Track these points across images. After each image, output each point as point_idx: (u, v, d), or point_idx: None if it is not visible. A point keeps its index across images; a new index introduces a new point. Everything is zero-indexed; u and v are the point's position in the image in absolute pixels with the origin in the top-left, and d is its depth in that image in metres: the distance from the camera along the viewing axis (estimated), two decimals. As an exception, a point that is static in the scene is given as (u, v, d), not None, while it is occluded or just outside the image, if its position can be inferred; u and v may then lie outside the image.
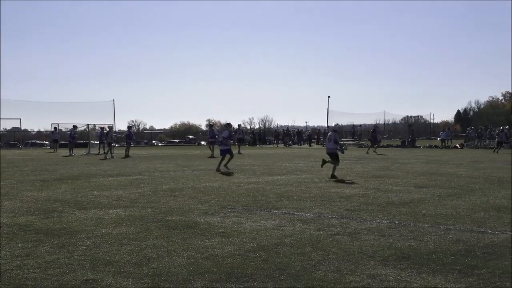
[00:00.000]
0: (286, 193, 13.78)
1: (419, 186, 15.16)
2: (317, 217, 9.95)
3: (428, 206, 11.30)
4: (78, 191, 14.41)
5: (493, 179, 17.22)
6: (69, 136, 41.46)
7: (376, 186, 15.21)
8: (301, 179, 17.67)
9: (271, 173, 20.35)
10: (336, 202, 12.04)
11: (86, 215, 10.39)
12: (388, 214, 10.34)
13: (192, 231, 8.67)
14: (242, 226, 9.10)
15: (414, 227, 8.97)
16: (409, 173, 19.76)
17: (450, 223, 9.34)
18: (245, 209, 10.99)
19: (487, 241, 7.79)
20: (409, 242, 7.73)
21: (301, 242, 7.74)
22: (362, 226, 9.02)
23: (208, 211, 10.78)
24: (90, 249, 7.42)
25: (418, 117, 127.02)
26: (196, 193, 13.88)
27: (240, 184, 16.09)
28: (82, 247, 7.54)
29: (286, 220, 9.68)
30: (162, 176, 18.97)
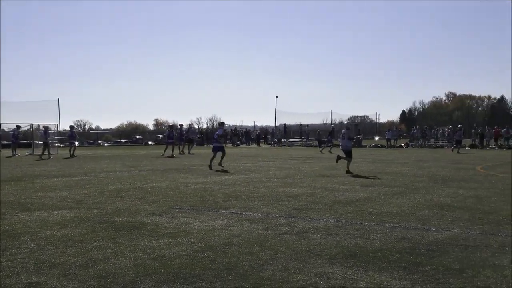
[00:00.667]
0: (234, 193, 13.79)
1: (365, 185, 15.39)
2: (265, 217, 9.99)
3: (374, 205, 11.49)
4: (22, 193, 14.09)
5: (437, 178, 17.61)
6: (12, 136, 40.52)
7: (323, 185, 15.37)
8: (249, 178, 17.71)
9: (219, 173, 20.32)
10: (284, 201, 12.11)
11: (30, 217, 10.17)
12: (335, 213, 10.46)
13: (139, 232, 8.58)
14: (190, 226, 9.06)
15: (360, 225, 9.10)
16: (355, 172, 20.01)
17: (395, 221, 9.51)
18: (193, 209, 10.95)
19: (431, 239, 7.96)
20: (355, 240, 7.84)
21: (249, 242, 7.76)
22: (309, 225, 9.09)
23: (155, 211, 10.69)
24: (34, 251, 7.26)
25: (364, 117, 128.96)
26: (143, 193, 13.76)
27: (188, 184, 16.02)
28: (26, 249, 7.38)
29: (234, 220, 9.68)
30: (108, 177, 18.72)
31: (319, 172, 20.21)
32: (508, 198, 12.44)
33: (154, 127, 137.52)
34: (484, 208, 11.01)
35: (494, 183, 15.96)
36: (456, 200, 12.25)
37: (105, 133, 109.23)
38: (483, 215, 10.14)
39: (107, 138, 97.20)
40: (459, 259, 6.72)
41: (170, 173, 20.17)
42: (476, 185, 15.29)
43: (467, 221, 9.50)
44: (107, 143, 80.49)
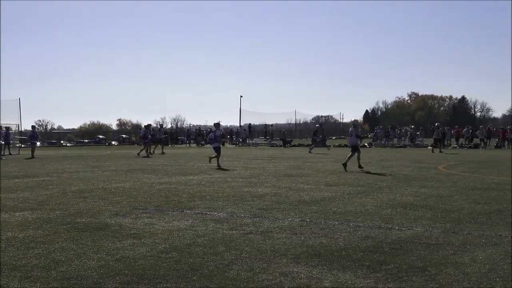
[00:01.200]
0: (199, 193, 13.75)
1: (330, 185, 15.50)
2: (230, 217, 9.98)
3: (338, 204, 11.57)
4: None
5: (400, 177, 17.82)
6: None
7: (288, 185, 15.43)
8: (214, 178, 17.68)
9: (184, 173, 20.26)
10: (248, 201, 12.12)
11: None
12: (299, 212, 10.51)
13: (102, 233, 8.50)
14: (154, 227, 9.01)
15: (324, 224, 9.15)
16: (320, 172, 20.16)
17: (359, 220, 9.59)
18: (157, 210, 10.89)
19: (394, 237, 8.05)
20: (320, 240, 7.88)
21: (214, 242, 7.74)
22: (274, 225, 9.12)
23: (119, 212, 10.61)
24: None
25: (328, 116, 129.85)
26: (106, 194, 13.63)
27: (152, 184, 15.93)
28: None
29: (199, 220, 9.66)
30: (71, 177, 18.50)
31: (284, 172, 20.28)
32: (469, 197, 12.65)
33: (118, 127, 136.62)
34: (446, 206, 11.17)
35: (455, 182, 16.21)
36: (419, 199, 12.42)
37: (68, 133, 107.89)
38: (445, 213, 10.29)
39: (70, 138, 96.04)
40: (421, 257, 6.81)
41: (134, 174, 20.03)
42: (438, 184, 15.52)
43: (430, 219, 9.63)
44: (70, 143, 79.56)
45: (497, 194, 13.27)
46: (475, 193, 13.39)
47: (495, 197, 12.61)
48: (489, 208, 10.97)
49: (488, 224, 9.21)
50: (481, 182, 16.03)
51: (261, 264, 6.54)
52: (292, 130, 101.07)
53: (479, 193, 13.48)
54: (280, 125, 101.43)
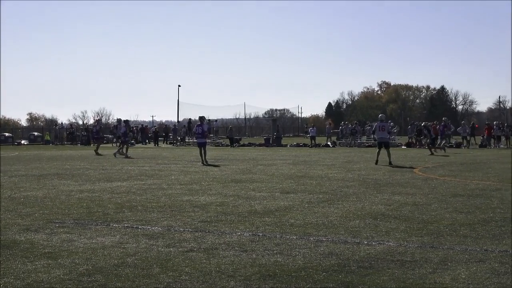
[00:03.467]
0: (128, 202, 13.66)
1: (286, 192, 15.57)
2: (166, 231, 9.94)
3: (297, 215, 11.64)
4: None
5: (369, 182, 18.04)
6: None
7: (236, 193, 15.44)
8: (146, 185, 17.58)
9: (110, 178, 20.08)
10: (189, 212, 12.09)
11: None
12: (250, 225, 10.53)
13: (9, 252, 8.36)
14: (74, 244, 8.91)
15: (280, 239, 9.20)
16: (275, 177, 20.25)
17: (321, 233, 9.67)
18: (77, 224, 10.76)
19: (362, 254, 8.14)
20: (275, 258, 7.91)
21: (147, 262, 7.70)
22: (220, 240, 9.12)
23: (30, 226, 10.45)
24: None
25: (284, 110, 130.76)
26: (14, 204, 13.41)
27: (71, 192, 15.74)
28: None
29: (129, 235, 9.59)
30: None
31: (231, 177, 20.30)
32: (450, 206, 12.89)
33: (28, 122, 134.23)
34: (423, 217, 11.36)
35: (434, 187, 16.50)
36: (391, 208, 12.59)
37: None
38: (422, 225, 10.46)
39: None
40: (395, 277, 6.90)
41: (48, 179, 19.75)
42: (413, 190, 15.76)
43: (404, 232, 9.78)
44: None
45: (482, 201, 13.56)
46: (457, 201, 13.65)
47: (480, 205, 12.89)
48: (472, 218, 11.20)
49: (471, 237, 9.40)
50: (464, 188, 16.35)
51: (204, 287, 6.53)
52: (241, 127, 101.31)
53: (462, 200, 13.75)
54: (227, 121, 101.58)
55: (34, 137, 77.13)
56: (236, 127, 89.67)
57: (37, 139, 75.80)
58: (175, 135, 65.36)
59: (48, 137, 71.19)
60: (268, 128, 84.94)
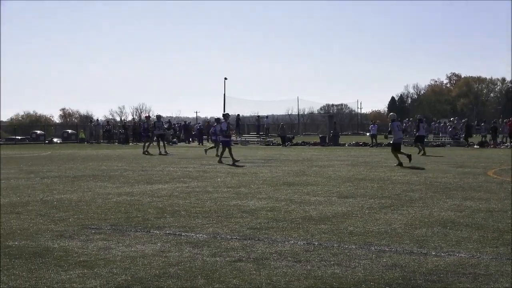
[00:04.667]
0: (170, 207, 13.75)
1: (344, 196, 15.51)
2: (211, 239, 9.98)
3: (356, 222, 11.58)
4: None
5: (437, 186, 17.85)
6: None
7: (288, 197, 15.43)
8: (190, 188, 17.67)
9: (150, 180, 20.24)
10: (236, 218, 12.12)
11: None
12: (304, 232, 10.51)
13: (42, 260, 8.48)
14: (111, 252, 9.00)
15: (338, 249, 9.16)
16: (331, 179, 20.18)
17: (383, 243, 9.61)
18: (115, 230, 10.88)
19: (430, 266, 8.07)
20: (332, 269, 7.89)
21: (191, 272, 7.74)
22: (271, 249, 9.12)
23: (64, 232, 10.59)
24: None
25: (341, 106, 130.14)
26: (47, 208, 13.61)
27: (108, 195, 15.91)
28: None
29: (171, 243, 9.65)
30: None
31: (283, 179, 20.29)
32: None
33: (61, 119, 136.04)
34: (498, 225, 11.21)
35: (511, 192, 16.25)
36: (462, 215, 12.45)
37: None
38: (497, 234, 10.32)
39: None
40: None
41: (83, 181, 20.00)
42: (487, 195, 15.56)
43: (477, 242, 9.66)
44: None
45: None
46: (537, 207, 13.44)
47: None
48: (555, 227, 11.01)
49: (554, 248, 9.24)
50: (545, 193, 16.08)
51: (254, 301, 6.55)
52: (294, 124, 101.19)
53: (543, 207, 13.53)
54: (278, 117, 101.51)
55: (68, 135, 78.28)
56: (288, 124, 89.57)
57: (71, 137, 76.91)
58: (221, 133, 65.56)
59: (83, 135, 72.11)
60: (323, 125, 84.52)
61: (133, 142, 63.53)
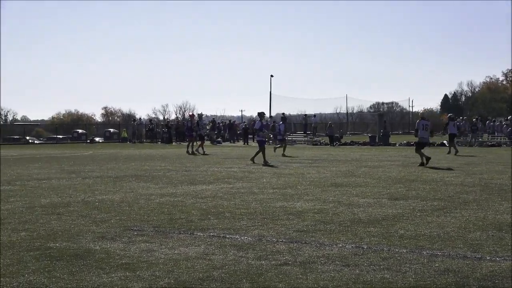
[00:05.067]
0: (214, 208, 13.79)
1: (395, 198, 15.42)
2: (257, 241, 10.00)
3: (407, 225, 11.51)
4: None
5: (493, 188, 17.66)
6: None
7: (337, 199, 15.39)
8: (234, 189, 17.72)
9: (194, 181, 20.33)
10: (282, 220, 12.11)
11: None
12: (353, 236, 10.48)
13: (83, 262, 8.57)
14: (154, 254, 9.06)
15: (388, 253, 9.12)
16: (381, 180, 20.08)
17: (436, 247, 9.54)
18: (158, 232, 10.94)
19: (484, 271, 7.98)
20: (381, 274, 7.86)
21: (235, 276, 7.76)
22: (318, 253, 9.11)
23: (106, 234, 10.68)
24: None
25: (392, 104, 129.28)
26: (88, 209, 13.74)
27: (151, 196, 16.02)
28: None
29: (215, 245, 9.68)
30: (40, 186, 18.68)
31: (331, 180, 20.24)
32: None
33: (103, 118, 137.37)
34: (558, 229, 11.06)
35: None
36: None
37: (36, 126, 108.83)
38: (556, 238, 10.19)
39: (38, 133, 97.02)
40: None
41: (125, 182, 20.16)
42: (546, 198, 15.36)
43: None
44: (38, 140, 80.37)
45: None
46: None
47: None
48: None
49: None
50: None
51: (300, 306, 6.54)
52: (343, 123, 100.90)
53: None
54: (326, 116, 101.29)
55: (110, 134, 79.01)
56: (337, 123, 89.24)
57: (113, 136, 77.63)
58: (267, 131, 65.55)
59: (125, 134, 72.73)
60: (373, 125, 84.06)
61: (176, 142, 63.92)
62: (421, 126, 27.79)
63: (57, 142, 74.16)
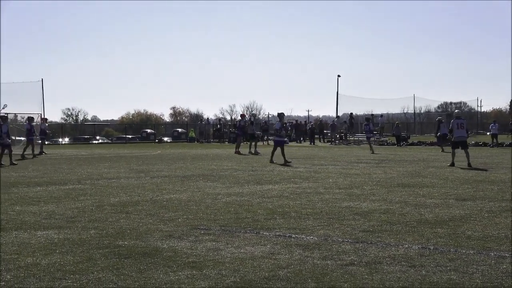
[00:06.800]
0: (280, 208, 13.81)
1: (462, 199, 15.24)
2: (322, 241, 9.98)
3: (474, 226, 11.38)
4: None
5: None
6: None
7: (403, 199, 15.28)
8: (300, 189, 17.70)
9: (260, 181, 20.38)
10: (348, 220, 12.08)
11: (5, 238, 10.35)
12: (419, 236, 10.40)
13: (151, 260, 8.66)
14: (220, 253, 9.11)
15: (455, 254, 9.02)
16: (448, 181, 19.86)
17: (504, 248, 9.41)
18: (224, 231, 11.00)
19: (554, 273, 7.86)
20: (448, 275, 7.78)
21: (301, 276, 7.76)
22: (384, 253, 9.06)
23: (173, 233, 10.78)
24: (11, 285, 7.39)
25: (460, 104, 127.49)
26: (156, 208, 13.88)
27: (218, 196, 16.10)
28: (0, 282, 7.51)
29: (281, 245, 9.70)
30: (110, 185, 18.93)
31: (397, 181, 20.09)
32: None
33: (171, 117, 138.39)
34: None
35: None
36: None
37: (105, 126, 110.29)
38: None
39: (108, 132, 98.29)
40: None
41: (192, 181, 20.31)
42: None
43: None
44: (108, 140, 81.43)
45: None
46: None
47: None
48: None
49: None
50: None
51: (365, 307, 6.52)
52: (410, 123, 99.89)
53: None
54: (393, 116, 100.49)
55: (178, 134, 79.61)
56: (404, 123, 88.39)
57: (181, 136, 78.17)
58: (333, 132, 65.20)
59: (193, 133, 73.15)
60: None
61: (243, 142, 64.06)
62: (455, 125, 27.61)
63: (126, 142, 74.99)
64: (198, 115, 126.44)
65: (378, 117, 72.76)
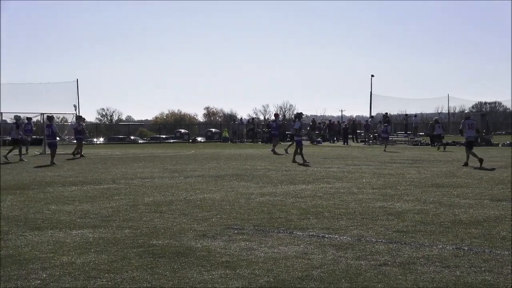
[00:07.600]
0: (313, 208, 13.79)
1: (497, 199, 15.13)
2: (356, 241, 9.96)
3: (509, 227, 11.28)
4: (30, 205, 14.47)
5: None
6: (26, 130, 41.11)
7: (437, 199, 15.19)
8: (334, 189, 17.67)
9: (293, 181, 20.37)
10: (382, 220, 12.04)
11: (41, 237, 10.44)
12: (454, 237, 10.33)
13: (185, 259, 8.69)
14: (254, 253, 9.12)
15: (489, 254, 8.96)
16: (483, 181, 19.71)
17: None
18: (258, 230, 11.01)
19: None
20: (483, 276, 7.73)
21: (334, 276, 7.75)
22: (418, 254, 9.02)
23: (206, 232, 10.81)
24: (47, 283, 7.45)
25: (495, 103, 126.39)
26: (190, 208, 13.92)
27: (251, 195, 16.12)
28: (36, 281, 7.58)
29: (314, 245, 9.69)
30: (144, 185, 19.02)
31: (431, 181, 19.98)
32: None
33: (205, 118, 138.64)
34: None
35: None
36: None
37: (140, 126, 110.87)
38: None
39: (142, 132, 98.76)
40: None
41: (226, 181, 20.34)
42: None
43: None
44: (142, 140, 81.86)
45: None
46: None
47: None
48: None
49: None
50: None
51: (399, 307, 6.49)
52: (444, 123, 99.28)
53: None
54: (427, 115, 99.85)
55: (211, 134, 79.81)
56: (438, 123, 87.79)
57: (214, 136, 78.37)
58: (367, 132, 64.97)
59: (226, 133, 73.28)
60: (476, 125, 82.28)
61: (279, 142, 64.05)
62: (466, 126, 27.97)
63: (160, 141, 75.31)
64: (231, 115, 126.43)
65: (412, 117, 72.44)
